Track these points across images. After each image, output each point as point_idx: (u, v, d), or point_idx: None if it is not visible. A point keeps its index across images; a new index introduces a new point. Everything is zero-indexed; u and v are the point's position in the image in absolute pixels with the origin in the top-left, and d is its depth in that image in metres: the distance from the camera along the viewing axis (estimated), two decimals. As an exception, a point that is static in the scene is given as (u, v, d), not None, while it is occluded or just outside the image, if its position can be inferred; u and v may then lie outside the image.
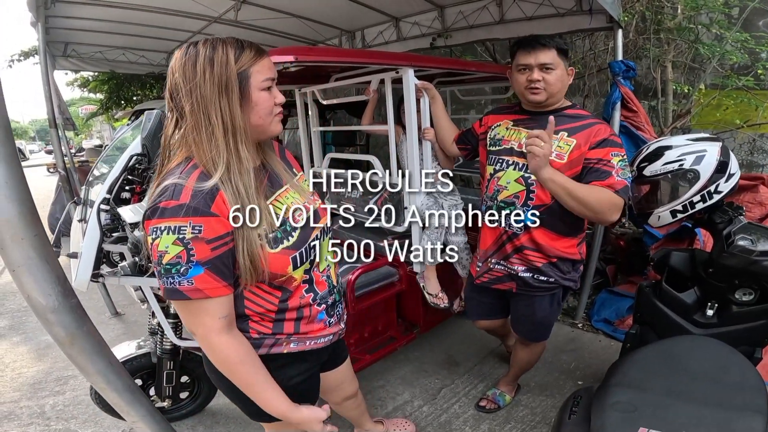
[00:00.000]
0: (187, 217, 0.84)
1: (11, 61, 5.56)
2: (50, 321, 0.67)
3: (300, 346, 1.09)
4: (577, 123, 1.54)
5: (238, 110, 0.90)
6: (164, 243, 0.84)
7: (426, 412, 2.17)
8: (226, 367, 0.96)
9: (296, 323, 1.07)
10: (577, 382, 2.36)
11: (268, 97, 0.95)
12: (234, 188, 0.89)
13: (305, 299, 1.07)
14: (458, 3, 3.64)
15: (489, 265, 1.75)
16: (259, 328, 1.04)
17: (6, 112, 0.57)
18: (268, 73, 0.94)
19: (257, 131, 0.97)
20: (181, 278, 0.85)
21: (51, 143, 3.45)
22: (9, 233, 0.61)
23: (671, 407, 0.94)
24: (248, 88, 0.91)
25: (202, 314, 0.90)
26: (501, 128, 1.69)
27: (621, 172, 1.47)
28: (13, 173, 0.59)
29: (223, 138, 0.89)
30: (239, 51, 0.91)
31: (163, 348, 1.87)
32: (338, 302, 1.20)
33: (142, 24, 4.27)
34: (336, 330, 1.20)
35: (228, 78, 0.88)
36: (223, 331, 0.92)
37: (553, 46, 1.51)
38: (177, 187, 0.86)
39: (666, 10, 3.27)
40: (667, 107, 3.43)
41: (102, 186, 1.51)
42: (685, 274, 1.67)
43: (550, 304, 1.74)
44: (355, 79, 2.19)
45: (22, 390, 2.48)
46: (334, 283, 1.17)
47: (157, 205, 0.85)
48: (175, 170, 0.90)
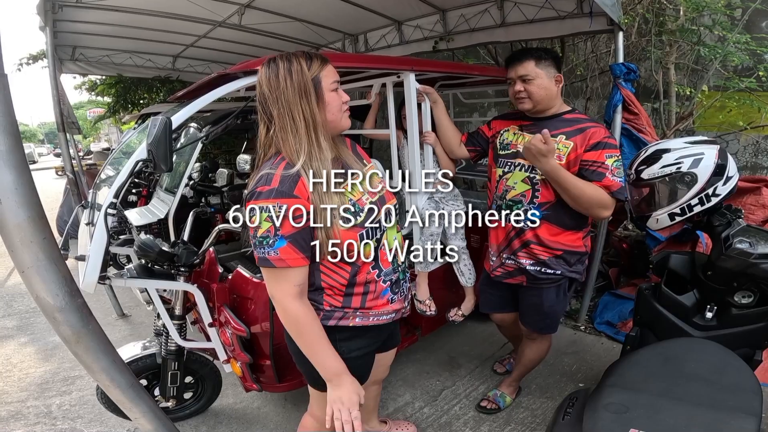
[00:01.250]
0: (276, 198, 1.02)
1: (20, 64, 5.62)
2: (57, 320, 0.70)
3: (364, 320, 1.22)
4: (574, 126, 1.66)
5: (317, 109, 1.08)
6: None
7: (427, 414, 2.19)
8: (295, 329, 1.11)
9: (363, 298, 1.20)
10: (578, 384, 2.36)
11: (337, 96, 1.12)
12: (315, 172, 1.06)
13: (371, 275, 1.19)
14: (460, 6, 3.66)
15: (502, 259, 1.87)
16: (332, 300, 1.18)
17: (15, 119, 0.60)
18: (334, 76, 1.12)
19: (331, 126, 1.14)
20: (270, 249, 1.03)
21: (59, 146, 3.49)
22: (19, 236, 0.64)
23: (664, 408, 0.95)
24: (321, 90, 1.09)
25: (282, 280, 1.07)
26: (509, 133, 1.84)
27: (616, 172, 1.60)
28: (23, 179, 0.62)
29: (305, 133, 1.07)
30: (309, 61, 1.09)
31: (168, 349, 1.90)
32: (403, 281, 1.30)
33: (148, 28, 4.32)
34: (399, 307, 1.30)
35: (305, 83, 1.06)
36: (296, 297, 1.08)
37: (530, 58, 1.66)
38: (269, 175, 1.05)
39: (668, 12, 3.27)
40: (669, 109, 3.42)
41: (109, 190, 1.54)
42: (685, 277, 1.68)
43: (557, 295, 1.83)
44: (357, 83, 2.22)
45: (29, 390, 2.52)
46: (399, 261, 1.27)
47: (255, 190, 1.05)
48: (267, 163, 1.10)
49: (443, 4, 3.73)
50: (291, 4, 3.87)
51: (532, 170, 1.70)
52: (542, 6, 3.08)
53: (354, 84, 2.24)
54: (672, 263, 1.68)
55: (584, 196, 1.60)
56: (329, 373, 1.14)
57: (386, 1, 3.82)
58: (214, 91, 1.60)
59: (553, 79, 1.69)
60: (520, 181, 1.74)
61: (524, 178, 1.73)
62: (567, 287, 1.86)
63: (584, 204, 1.62)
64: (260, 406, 2.28)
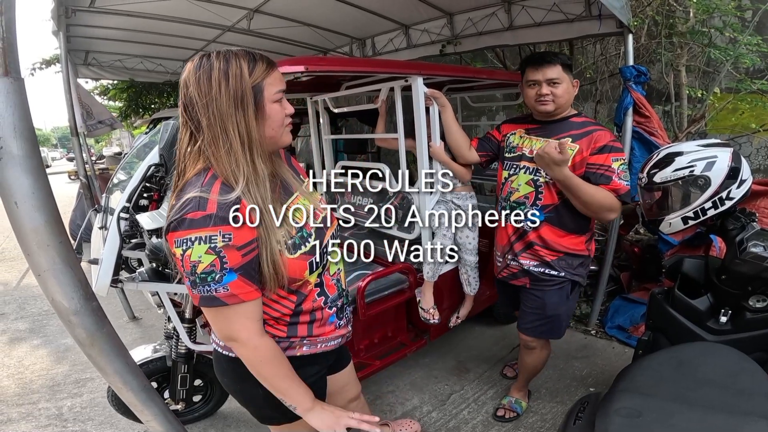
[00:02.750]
0: (217, 227, 0.86)
1: (33, 69, 5.72)
2: (72, 323, 0.71)
3: (312, 348, 1.12)
4: (581, 130, 1.70)
5: (254, 123, 0.91)
6: (197, 253, 0.86)
7: (435, 418, 2.17)
8: (271, 367, 0.99)
9: (309, 326, 1.10)
10: (589, 389, 2.33)
11: (280, 108, 0.96)
12: (254, 199, 0.91)
13: (317, 302, 1.10)
14: (467, 10, 3.67)
15: (507, 261, 1.89)
16: (274, 332, 1.06)
17: (32, 124, 0.62)
18: (279, 85, 0.96)
19: (270, 143, 0.98)
20: (217, 285, 0.88)
21: (73, 151, 3.54)
22: (35, 240, 0.65)
23: (677, 413, 0.94)
24: (262, 101, 0.92)
25: (242, 319, 0.93)
26: (516, 136, 1.86)
27: (622, 175, 1.62)
28: (40, 184, 0.63)
29: (242, 151, 0.90)
30: (252, 64, 0.92)
31: (178, 352, 1.91)
32: (346, 305, 1.23)
33: (159, 33, 4.39)
34: (344, 332, 1.23)
35: (243, 91, 0.89)
36: (262, 333, 0.97)
37: (558, 62, 1.67)
38: (201, 199, 0.87)
39: (678, 14, 3.24)
40: (681, 112, 3.39)
41: (122, 195, 1.57)
42: (698, 281, 1.66)
43: (560, 297, 1.83)
44: (365, 87, 2.23)
45: (41, 392, 2.55)
46: (342, 286, 1.21)
47: (184, 217, 0.86)
48: (195, 181, 0.91)
49: (450, 7, 3.74)
50: (299, 9, 3.91)
51: (535, 173, 1.73)
52: (550, 9, 3.07)
53: (361, 88, 2.25)
54: (685, 267, 1.66)
55: (594, 201, 1.61)
56: (308, 403, 1.04)
57: (393, 6, 3.84)
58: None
59: (572, 84, 1.73)
60: (524, 183, 1.77)
61: (528, 180, 1.76)
62: (570, 290, 1.85)
63: (593, 208, 1.64)
64: (269, 409, 2.28)
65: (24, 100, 0.59)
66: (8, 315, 3.70)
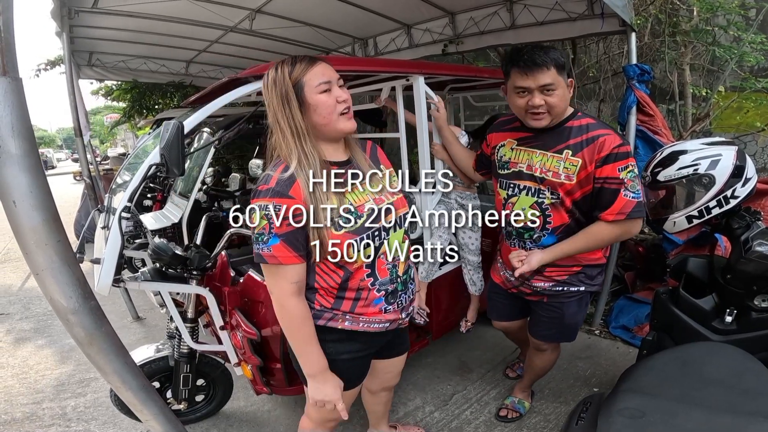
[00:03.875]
0: (272, 198, 1.05)
1: (38, 70, 5.72)
2: (71, 322, 0.71)
3: (353, 325, 1.21)
4: (581, 137, 1.46)
5: (299, 115, 1.08)
6: (256, 217, 1.05)
7: (437, 418, 2.17)
8: (289, 325, 1.14)
9: (353, 303, 1.20)
10: (592, 389, 2.32)
11: (326, 97, 1.09)
12: (305, 178, 1.07)
13: (365, 282, 1.19)
14: (469, 9, 3.66)
15: (516, 282, 1.76)
16: (322, 301, 1.20)
17: (30, 123, 0.61)
18: (321, 77, 1.09)
19: (326, 130, 1.12)
20: (264, 246, 1.06)
21: (77, 151, 3.55)
22: (34, 239, 0.65)
23: (681, 413, 0.92)
24: (304, 94, 1.08)
25: (279, 278, 1.10)
26: (506, 148, 1.64)
27: (630, 185, 1.42)
28: (38, 183, 0.63)
29: (292, 139, 1.09)
30: (292, 66, 1.09)
31: (181, 351, 1.92)
32: (401, 292, 1.28)
33: (161, 33, 4.40)
34: (393, 318, 1.28)
35: (286, 91, 1.07)
36: (294, 295, 1.11)
37: (552, 64, 1.39)
38: (268, 176, 1.09)
39: (681, 13, 3.22)
40: (685, 110, 3.37)
41: (123, 194, 1.57)
42: (703, 281, 1.65)
43: (579, 307, 1.75)
44: (366, 87, 2.22)
45: (45, 391, 2.56)
46: (399, 273, 1.25)
47: (256, 189, 1.08)
48: (271, 165, 1.13)
49: (452, 7, 3.73)
50: (301, 9, 3.91)
51: (539, 194, 1.54)
52: (552, 8, 3.06)
53: (363, 88, 2.24)
54: (690, 267, 1.65)
55: (603, 242, 1.55)
56: (313, 370, 1.18)
57: (395, 5, 3.83)
58: (225, 95, 1.62)
59: (567, 86, 1.46)
60: (527, 206, 1.57)
61: (532, 203, 1.56)
62: (589, 299, 1.79)
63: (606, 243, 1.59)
64: (271, 409, 2.28)
65: (22, 100, 0.59)
66: (13, 315, 3.72)
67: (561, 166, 1.48)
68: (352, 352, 1.27)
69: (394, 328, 1.32)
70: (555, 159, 1.50)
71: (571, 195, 1.50)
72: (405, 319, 1.35)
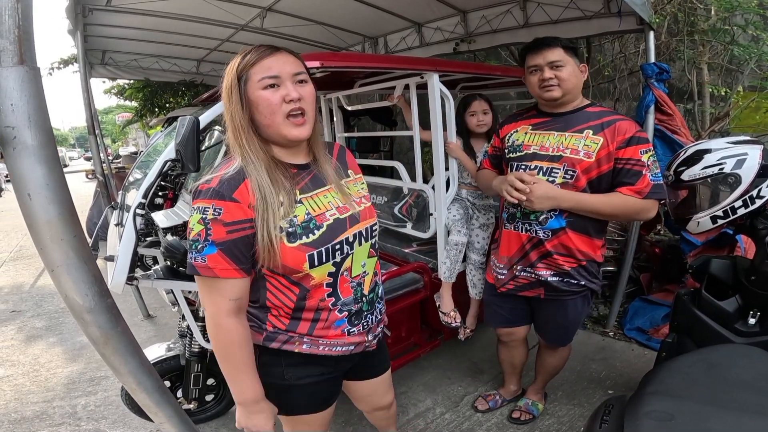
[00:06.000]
0: (212, 200, 0.91)
1: (51, 69, 5.74)
2: (86, 320, 0.69)
3: (312, 349, 1.07)
4: (601, 120, 1.51)
5: (240, 111, 0.95)
6: (193, 221, 0.92)
7: (448, 420, 2.14)
8: (224, 348, 0.98)
9: (311, 324, 1.06)
10: (607, 391, 2.28)
11: (270, 94, 0.94)
12: (254, 179, 0.94)
13: (325, 302, 1.05)
14: (481, 7, 3.62)
15: (514, 272, 1.71)
16: (276, 322, 1.05)
17: (48, 114, 0.59)
18: (268, 71, 0.93)
19: (270, 132, 0.98)
20: (197, 255, 0.91)
21: (90, 150, 3.57)
22: (49, 234, 0.63)
23: (712, 416, 0.89)
24: (246, 89, 0.94)
25: (214, 293, 0.94)
26: (519, 134, 1.67)
27: (652, 167, 1.46)
28: (55, 176, 0.61)
29: (235, 136, 0.96)
30: (244, 56, 0.95)
31: (192, 351, 1.91)
32: (366, 312, 1.14)
33: (173, 32, 4.42)
34: (359, 341, 1.14)
35: (231, 82, 0.95)
36: (231, 314, 0.96)
37: (559, 45, 1.51)
38: (213, 173, 0.95)
39: (699, 12, 3.16)
40: (704, 110, 3.31)
41: (138, 191, 1.56)
42: (726, 282, 1.60)
43: (582, 306, 1.72)
44: (379, 84, 2.20)
45: (56, 390, 2.56)
46: (364, 291, 1.12)
47: (196, 187, 0.95)
48: (221, 162, 1.00)
49: (464, 5, 3.70)
50: (311, 7, 3.90)
51: (550, 173, 1.54)
52: (567, 6, 3.02)
53: (375, 86, 2.22)
54: (713, 268, 1.60)
55: (618, 211, 1.50)
56: (245, 398, 1.02)
57: (406, 4, 3.81)
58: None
59: (578, 68, 1.55)
60: None
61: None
62: (590, 297, 1.74)
63: (623, 217, 1.57)
64: (281, 409, 2.27)
65: (40, 90, 0.57)
66: (25, 312, 3.76)
67: (581, 143, 1.50)
68: (315, 375, 1.12)
69: (360, 351, 1.17)
70: (574, 138, 1.52)
71: (588, 173, 1.50)
72: (372, 342, 1.19)
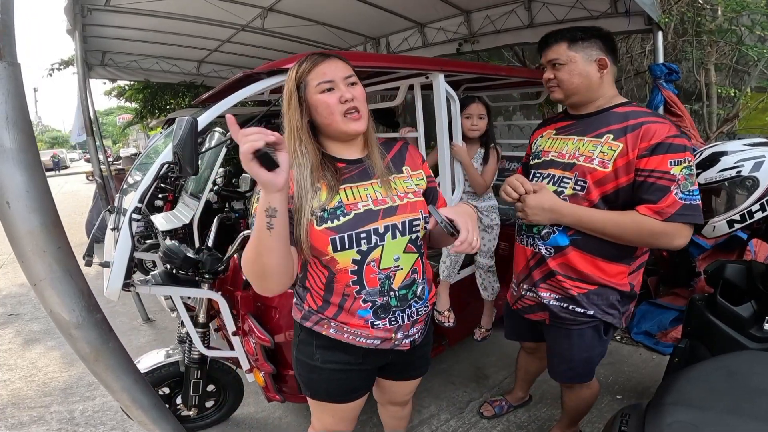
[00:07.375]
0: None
1: (51, 69, 5.68)
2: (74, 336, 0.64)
3: (338, 335, 1.14)
4: (625, 123, 1.28)
5: (298, 116, 1.05)
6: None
7: (453, 426, 2.09)
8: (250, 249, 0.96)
9: (338, 310, 1.13)
10: (615, 396, 2.23)
11: (327, 97, 1.04)
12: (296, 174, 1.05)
13: (350, 288, 1.10)
14: (485, 8, 3.59)
15: (522, 291, 1.56)
16: (311, 302, 1.16)
17: (28, 114, 0.54)
18: (323, 77, 1.04)
19: (329, 130, 1.09)
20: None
21: (89, 152, 3.53)
22: (30, 246, 0.58)
23: (737, 427, 0.85)
24: (304, 94, 1.05)
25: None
26: (543, 139, 1.52)
27: (684, 183, 1.19)
28: (36, 182, 0.56)
29: (290, 136, 1.06)
30: (299, 65, 1.06)
31: (191, 357, 1.86)
32: (396, 308, 1.14)
33: (173, 32, 4.40)
34: (384, 336, 1.15)
35: (290, 90, 1.06)
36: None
37: (563, 40, 1.34)
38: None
39: (705, 12, 3.12)
40: (711, 111, 3.26)
41: (134, 194, 1.51)
42: (741, 287, 1.56)
43: (592, 340, 1.46)
44: (382, 85, 2.16)
45: (53, 395, 2.52)
46: (393, 286, 1.12)
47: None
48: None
49: (468, 5, 3.67)
50: (313, 8, 3.87)
51: (560, 183, 1.37)
52: (573, 6, 2.98)
53: (379, 86, 2.18)
54: (728, 273, 1.56)
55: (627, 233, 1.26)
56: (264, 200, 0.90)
57: (409, 4, 3.78)
58: (238, 92, 1.56)
59: (593, 62, 1.33)
60: None
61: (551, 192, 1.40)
62: (604, 331, 1.46)
63: (637, 241, 1.30)
64: (281, 416, 2.22)
65: (19, 88, 0.53)
66: (23, 316, 3.72)
67: (597, 150, 1.30)
68: (341, 363, 1.19)
69: (389, 348, 1.18)
70: (591, 143, 1.33)
71: (602, 186, 1.29)
72: (403, 341, 1.19)
